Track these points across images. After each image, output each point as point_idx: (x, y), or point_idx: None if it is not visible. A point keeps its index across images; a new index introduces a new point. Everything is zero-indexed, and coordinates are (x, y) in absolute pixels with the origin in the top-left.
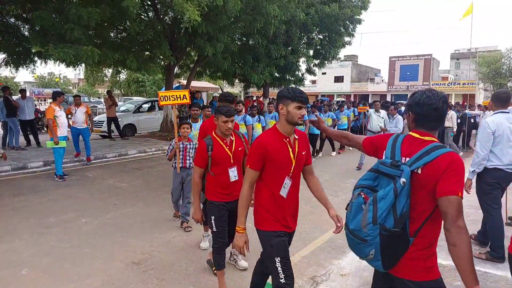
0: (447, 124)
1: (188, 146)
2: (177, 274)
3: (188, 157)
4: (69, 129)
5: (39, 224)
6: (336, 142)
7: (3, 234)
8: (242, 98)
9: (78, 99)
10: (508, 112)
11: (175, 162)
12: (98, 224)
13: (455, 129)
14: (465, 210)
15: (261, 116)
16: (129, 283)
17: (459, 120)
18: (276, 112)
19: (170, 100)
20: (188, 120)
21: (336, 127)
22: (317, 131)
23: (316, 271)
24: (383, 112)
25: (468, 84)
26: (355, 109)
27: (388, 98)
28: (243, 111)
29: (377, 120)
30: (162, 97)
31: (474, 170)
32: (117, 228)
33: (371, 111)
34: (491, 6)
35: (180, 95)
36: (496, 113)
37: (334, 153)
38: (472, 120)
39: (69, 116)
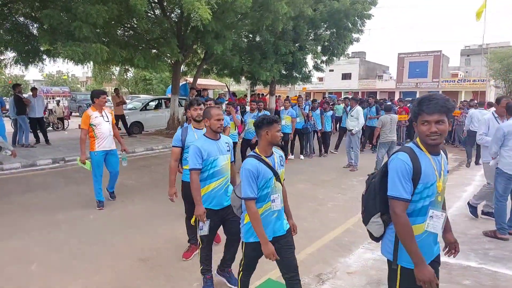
0: None
1: None
2: (184, 271)
3: None
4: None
5: (48, 220)
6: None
7: (13, 231)
8: (249, 96)
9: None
10: None
11: None
12: (106, 221)
13: None
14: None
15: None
16: (137, 279)
17: None
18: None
19: None
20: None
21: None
22: (289, 130)
23: (322, 268)
24: (356, 110)
25: (478, 81)
26: (307, 106)
27: (397, 95)
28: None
29: (349, 118)
30: None
31: None
32: (124, 225)
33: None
34: (503, 1)
35: None
36: None
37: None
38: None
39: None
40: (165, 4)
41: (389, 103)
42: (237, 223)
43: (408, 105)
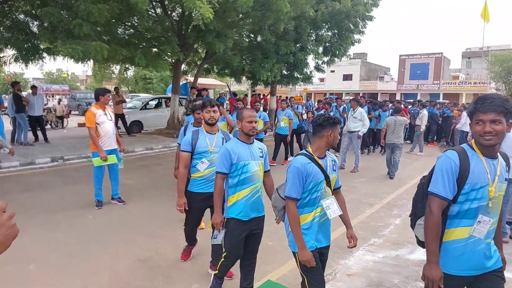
0: (417, 122)
1: None
2: (183, 272)
3: None
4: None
5: (47, 220)
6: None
7: None
8: (249, 96)
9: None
10: None
11: None
12: (105, 221)
13: (422, 128)
14: None
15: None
16: (135, 280)
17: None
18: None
19: None
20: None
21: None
22: (286, 131)
23: None
24: (360, 111)
25: (479, 83)
26: (299, 106)
27: (398, 97)
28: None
29: (351, 119)
30: None
31: None
32: (123, 225)
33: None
34: (503, 3)
35: None
36: None
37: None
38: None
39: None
40: (166, 2)
41: (390, 104)
42: (259, 238)
43: (409, 107)
